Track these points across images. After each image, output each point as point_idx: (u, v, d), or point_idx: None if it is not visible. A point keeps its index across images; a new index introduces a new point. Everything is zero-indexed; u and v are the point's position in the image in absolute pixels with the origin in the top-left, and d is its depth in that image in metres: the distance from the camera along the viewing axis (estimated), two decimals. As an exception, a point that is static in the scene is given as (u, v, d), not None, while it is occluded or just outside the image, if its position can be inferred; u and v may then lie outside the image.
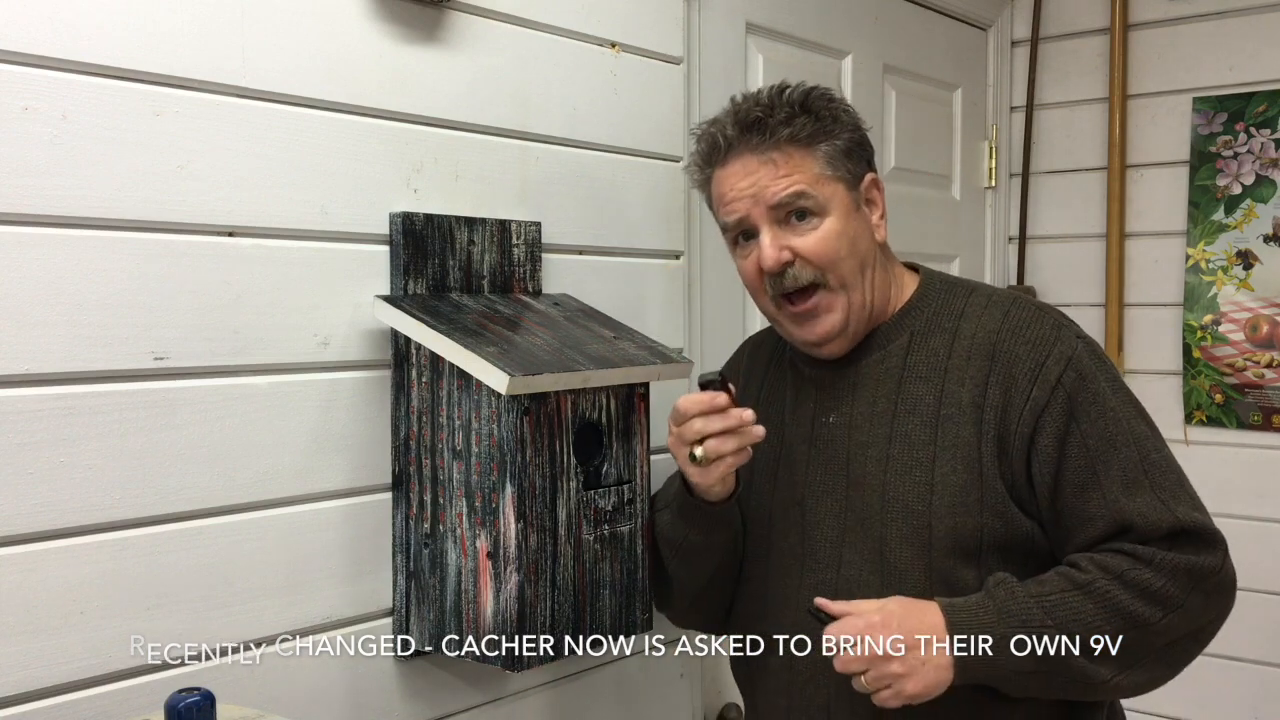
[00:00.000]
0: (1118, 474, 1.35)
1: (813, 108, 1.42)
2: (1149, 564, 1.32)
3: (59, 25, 1.17)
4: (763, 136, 1.41)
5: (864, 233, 1.45)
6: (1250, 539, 2.54)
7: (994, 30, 2.81)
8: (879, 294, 1.47)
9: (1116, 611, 1.31)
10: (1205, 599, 1.34)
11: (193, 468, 1.29)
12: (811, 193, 1.40)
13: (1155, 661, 1.34)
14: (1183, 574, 1.32)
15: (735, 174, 1.43)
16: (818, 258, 1.41)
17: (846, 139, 1.44)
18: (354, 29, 1.43)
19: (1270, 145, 2.49)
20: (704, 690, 1.98)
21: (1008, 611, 1.32)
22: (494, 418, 1.36)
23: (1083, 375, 1.37)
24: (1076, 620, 1.31)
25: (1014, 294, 1.49)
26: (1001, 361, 1.39)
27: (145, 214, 1.24)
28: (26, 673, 1.17)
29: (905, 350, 1.46)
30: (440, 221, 1.49)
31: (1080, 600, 1.31)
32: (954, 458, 1.38)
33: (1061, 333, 1.40)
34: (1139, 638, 1.31)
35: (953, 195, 2.71)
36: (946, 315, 1.46)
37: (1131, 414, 1.39)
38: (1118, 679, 1.33)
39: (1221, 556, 1.36)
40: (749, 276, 1.47)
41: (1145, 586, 1.31)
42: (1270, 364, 2.50)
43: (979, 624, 1.31)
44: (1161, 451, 1.39)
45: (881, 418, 1.44)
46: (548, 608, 1.38)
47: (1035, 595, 1.33)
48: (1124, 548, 1.34)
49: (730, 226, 1.46)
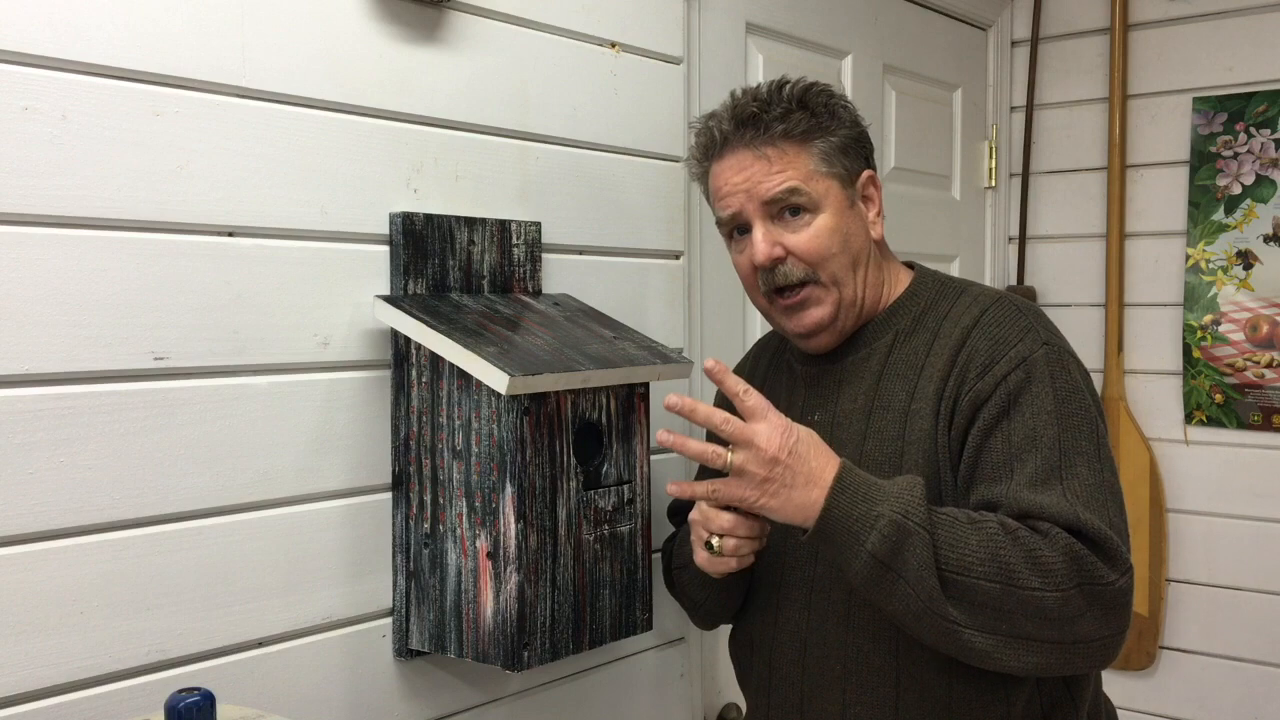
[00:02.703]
0: (1030, 470, 1.29)
1: (810, 104, 1.43)
2: (1045, 535, 1.24)
3: (59, 25, 1.17)
4: (757, 131, 1.41)
5: (858, 229, 1.45)
6: (1250, 539, 2.55)
7: (994, 30, 2.81)
8: (871, 291, 1.47)
9: (995, 558, 1.23)
10: (1089, 605, 1.24)
11: (192, 468, 1.29)
12: (804, 189, 1.41)
13: (1008, 638, 1.24)
14: (1074, 560, 1.23)
15: (730, 168, 1.44)
16: (809, 254, 1.42)
17: (843, 135, 1.44)
18: (354, 29, 1.43)
19: (1270, 145, 2.49)
20: (704, 690, 1.98)
21: (898, 500, 1.25)
22: (494, 418, 1.36)
23: (1031, 377, 1.33)
24: (953, 545, 1.24)
25: (1002, 295, 1.44)
26: (964, 355, 1.38)
27: (145, 214, 1.24)
28: (26, 673, 1.17)
29: (888, 349, 1.46)
30: (440, 221, 1.49)
31: (969, 532, 1.25)
32: (918, 452, 1.38)
33: (1027, 335, 1.36)
34: (1005, 596, 1.22)
35: (953, 195, 2.71)
36: (933, 315, 1.45)
37: (1074, 425, 1.31)
38: (962, 630, 1.24)
39: (1118, 574, 1.25)
40: (744, 272, 1.48)
41: (1032, 551, 1.23)
42: (1270, 364, 2.50)
43: (862, 493, 1.26)
44: (1093, 469, 1.30)
45: (859, 415, 1.44)
46: (548, 608, 1.38)
47: (938, 509, 1.28)
48: (1027, 521, 1.27)
49: (725, 221, 1.47)
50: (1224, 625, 2.59)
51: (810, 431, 1.32)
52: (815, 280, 1.43)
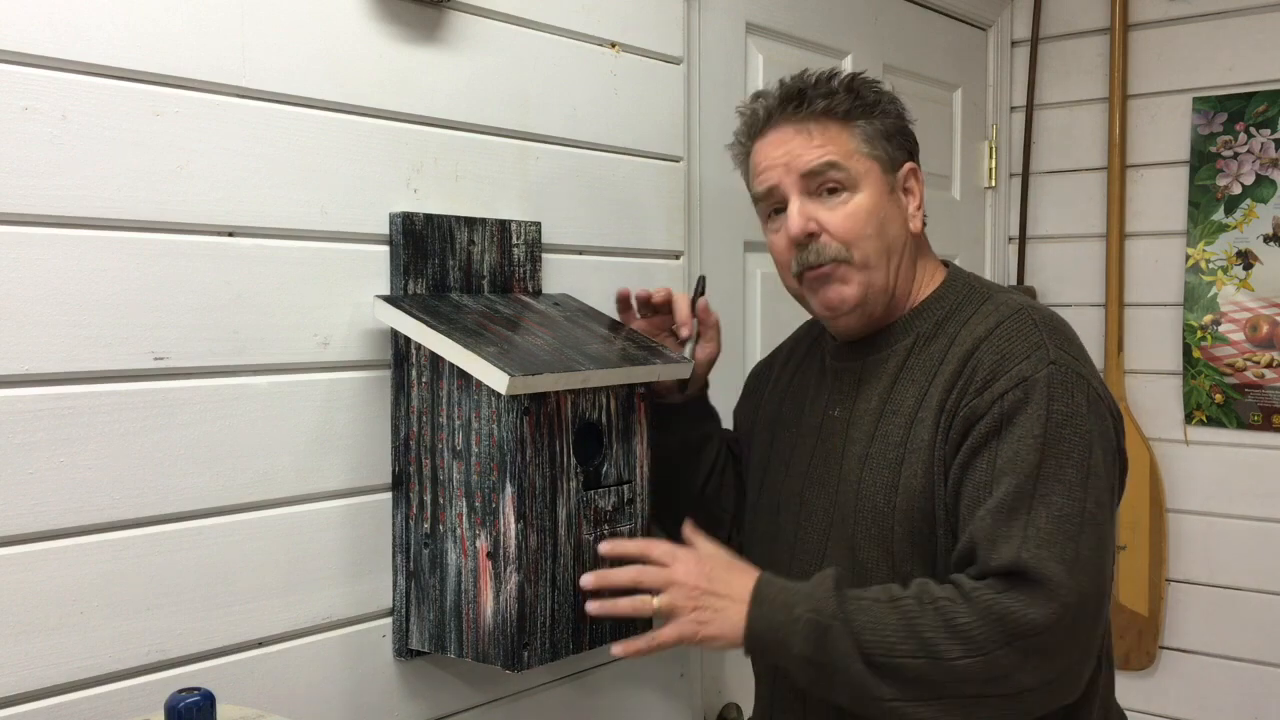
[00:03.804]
0: (1000, 496, 1.28)
1: (856, 88, 1.44)
2: (966, 599, 1.24)
3: (59, 25, 1.17)
4: (799, 106, 1.42)
5: (895, 218, 1.44)
6: (1250, 539, 2.55)
7: (994, 30, 2.81)
8: (903, 284, 1.46)
9: (914, 634, 1.24)
10: (1023, 657, 1.23)
11: (193, 468, 1.29)
12: (844, 165, 1.41)
13: (951, 703, 1.25)
14: (994, 620, 1.22)
15: (771, 143, 1.44)
16: (843, 233, 1.41)
17: (888, 123, 1.45)
18: (354, 29, 1.43)
19: (1270, 145, 2.49)
20: (704, 690, 1.98)
21: (810, 598, 1.29)
22: (494, 418, 1.36)
23: (1028, 398, 1.30)
24: (873, 628, 1.26)
25: (1024, 305, 1.41)
26: (969, 367, 1.36)
27: (145, 214, 1.24)
28: (26, 673, 1.17)
29: (907, 351, 1.45)
30: (440, 221, 1.49)
31: (886, 612, 1.26)
32: (916, 460, 1.37)
33: (1035, 352, 1.33)
34: (932, 669, 1.24)
35: (953, 195, 2.71)
36: (954, 321, 1.44)
37: (1061, 451, 1.28)
38: (902, 705, 1.25)
39: (1051, 616, 1.22)
40: (778, 251, 1.47)
41: (951, 620, 1.24)
42: (1270, 364, 2.50)
43: (780, 601, 1.31)
44: (1072, 498, 1.27)
45: (870, 416, 1.44)
46: (548, 608, 1.38)
47: (853, 595, 1.29)
48: (956, 577, 1.28)
49: (761, 196, 1.47)
50: (1224, 625, 2.59)
51: (716, 549, 1.40)
52: (847, 260, 1.41)
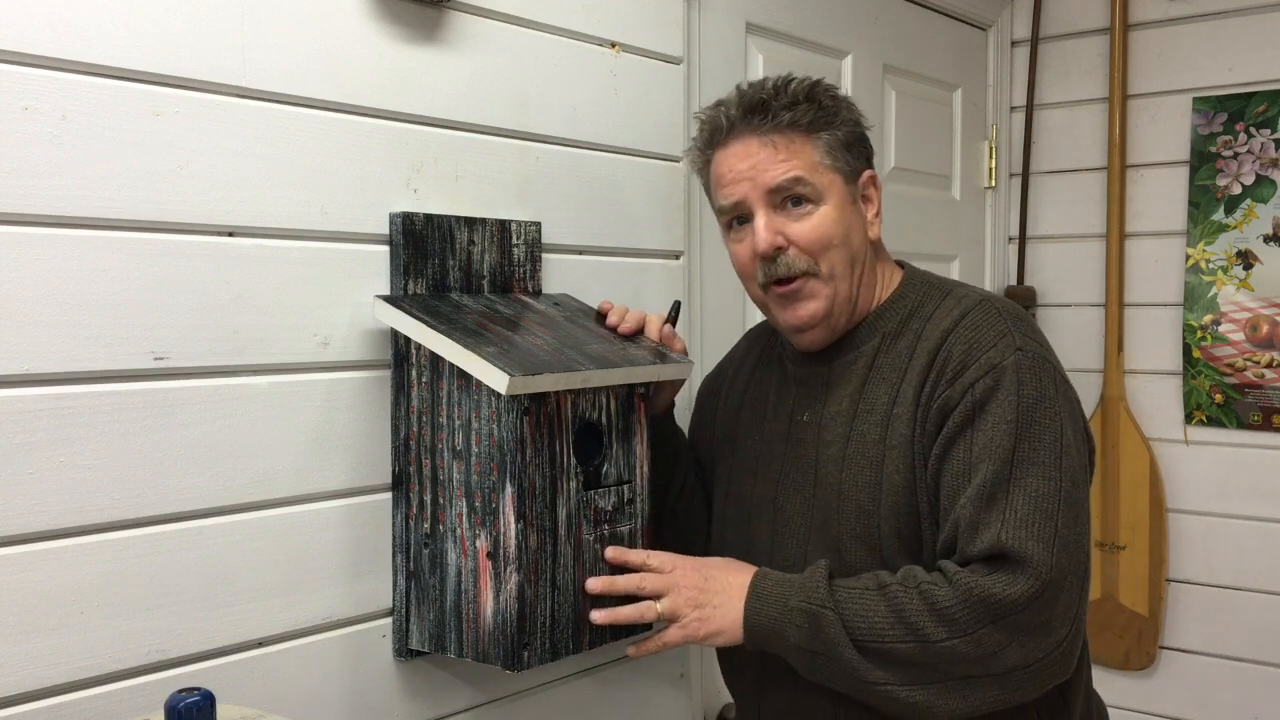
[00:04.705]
0: (979, 483, 1.30)
1: (817, 97, 1.44)
2: (950, 582, 1.28)
3: (59, 25, 1.17)
4: (764, 118, 1.42)
5: (857, 227, 1.46)
6: (1250, 539, 2.55)
7: (994, 30, 2.81)
8: (865, 291, 1.48)
9: (901, 619, 1.29)
10: (1009, 636, 1.26)
11: (193, 468, 1.29)
12: (809, 179, 1.41)
13: (942, 686, 1.29)
14: (976, 601, 1.26)
15: (735, 155, 1.44)
16: (810, 245, 1.42)
17: (846, 132, 1.45)
18: (354, 29, 1.43)
19: (1270, 145, 2.49)
20: (704, 690, 1.98)
21: (806, 589, 1.35)
22: (494, 418, 1.36)
23: (998, 385, 1.33)
24: (862, 616, 1.31)
25: (985, 297, 1.44)
26: (940, 359, 1.38)
27: (145, 214, 1.24)
28: (26, 673, 1.17)
29: (875, 351, 1.46)
30: (440, 221, 1.49)
31: (875, 599, 1.32)
32: (898, 456, 1.38)
33: (1001, 340, 1.35)
34: (920, 653, 1.28)
35: (953, 195, 2.71)
36: (917, 318, 1.45)
37: (1034, 435, 1.31)
38: (894, 689, 1.30)
39: (1033, 592, 1.25)
40: (741, 261, 1.48)
41: (935, 602, 1.28)
42: (1270, 364, 2.50)
43: (775, 594, 1.37)
44: (1048, 479, 1.30)
45: (843, 417, 1.45)
46: (548, 608, 1.38)
47: (844, 584, 1.35)
48: (941, 564, 1.32)
49: (726, 210, 1.47)
50: (1224, 625, 2.59)
51: (709, 557, 1.46)
52: (814, 273, 1.43)
